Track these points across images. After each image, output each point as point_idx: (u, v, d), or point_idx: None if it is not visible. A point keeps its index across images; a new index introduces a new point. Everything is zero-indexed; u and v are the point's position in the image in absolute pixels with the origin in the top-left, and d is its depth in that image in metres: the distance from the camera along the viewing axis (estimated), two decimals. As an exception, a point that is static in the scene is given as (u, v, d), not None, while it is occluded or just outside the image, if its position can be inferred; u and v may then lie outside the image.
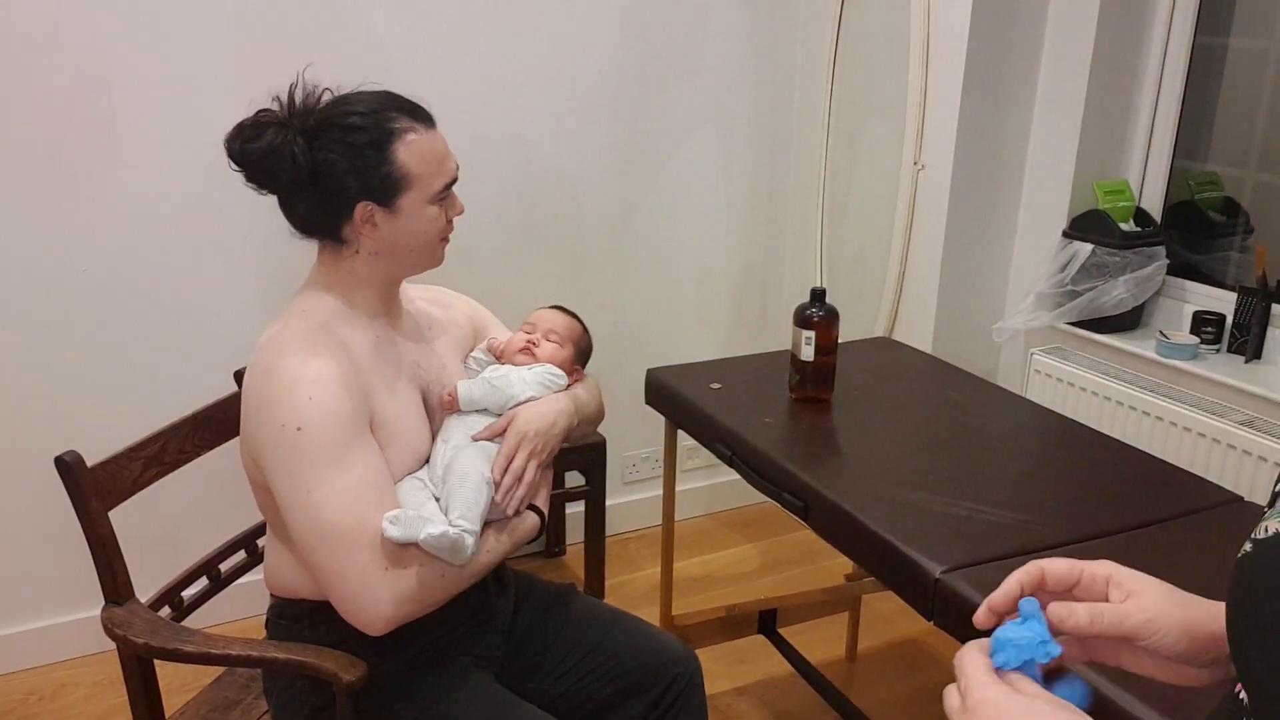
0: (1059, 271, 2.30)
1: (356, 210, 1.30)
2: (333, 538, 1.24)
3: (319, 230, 1.35)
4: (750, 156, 2.83)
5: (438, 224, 1.38)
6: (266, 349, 1.31)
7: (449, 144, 1.41)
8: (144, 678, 1.48)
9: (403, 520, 1.23)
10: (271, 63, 2.21)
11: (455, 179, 1.39)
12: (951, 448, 1.76)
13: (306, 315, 1.34)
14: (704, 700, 1.58)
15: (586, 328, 1.64)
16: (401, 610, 1.26)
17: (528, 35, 2.46)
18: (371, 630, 1.26)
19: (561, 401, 1.48)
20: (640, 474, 2.96)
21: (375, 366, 1.35)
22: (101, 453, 1.48)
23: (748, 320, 3.00)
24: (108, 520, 1.44)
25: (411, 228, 1.34)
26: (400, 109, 1.33)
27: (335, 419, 1.26)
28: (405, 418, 1.37)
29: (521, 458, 1.39)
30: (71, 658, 2.38)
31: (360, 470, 1.27)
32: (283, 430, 1.25)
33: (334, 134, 1.29)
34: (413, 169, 1.31)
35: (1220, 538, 1.43)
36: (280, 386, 1.26)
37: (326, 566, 1.25)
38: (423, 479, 1.37)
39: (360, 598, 1.25)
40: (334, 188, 1.29)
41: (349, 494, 1.25)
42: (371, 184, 1.30)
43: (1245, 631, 0.61)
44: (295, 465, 1.25)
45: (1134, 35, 2.27)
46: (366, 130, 1.29)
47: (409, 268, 1.41)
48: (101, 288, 2.23)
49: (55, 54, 2.07)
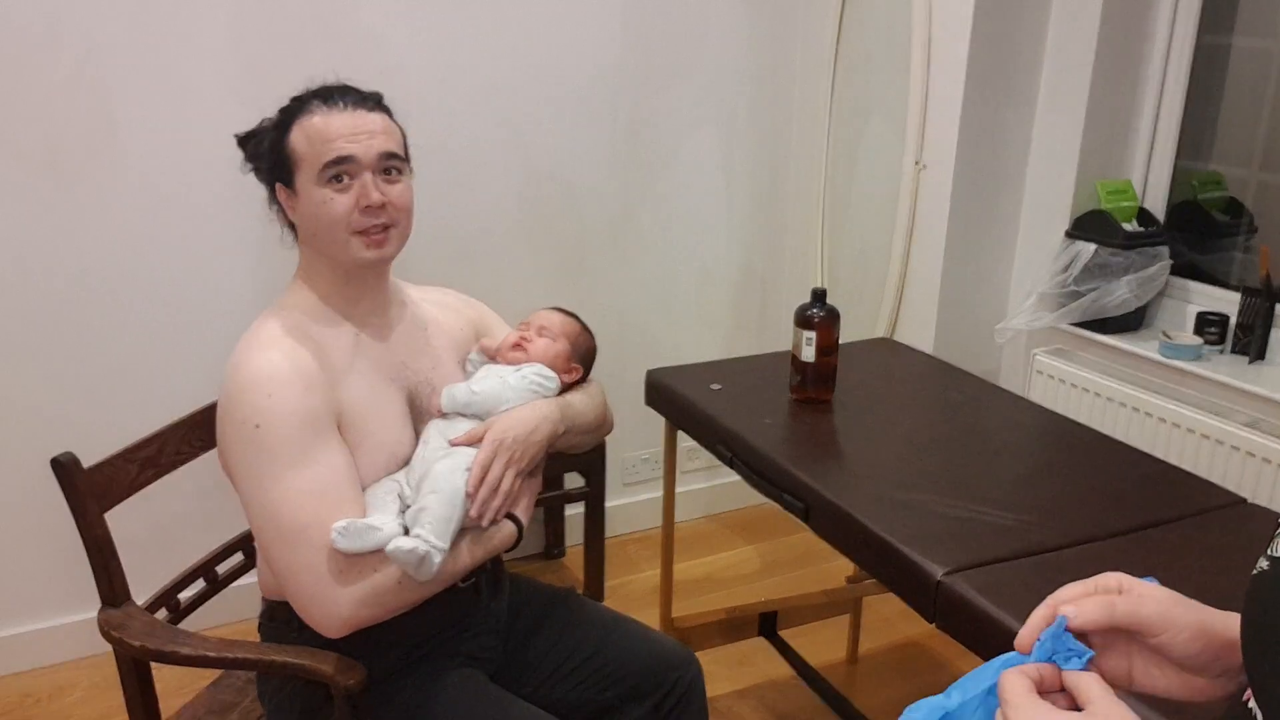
0: (1061, 272, 2.29)
1: (277, 192, 1.35)
2: (289, 536, 1.23)
3: (280, 218, 1.40)
4: (751, 156, 2.83)
5: (331, 209, 1.29)
6: (239, 347, 1.32)
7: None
8: (141, 680, 1.47)
9: (351, 531, 1.22)
10: (271, 62, 2.20)
11: (344, 159, 1.29)
12: (953, 449, 1.75)
13: (284, 311, 1.35)
14: (705, 704, 1.57)
15: (588, 328, 1.61)
16: (358, 614, 1.25)
17: (528, 35, 2.46)
18: (328, 632, 1.26)
19: (545, 408, 1.43)
20: (640, 475, 2.96)
21: (352, 365, 1.34)
22: (98, 454, 1.47)
23: (748, 320, 2.99)
24: (104, 522, 1.44)
25: (309, 211, 1.32)
26: (321, 94, 1.33)
27: (295, 417, 1.25)
28: (380, 418, 1.35)
29: (499, 467, 1.34)
30: (68, 660, 2.38)
31: (320, 470, 1.25)
32: (242, 427, 1.25)
33: (266, 126, 1.36)
34: (298, 147, 1.31)
35: (1223, 539, 1.42)
36: (242, 383, 1.26)
37: (283, 565, 1.25)
38: (399, 480, 1.35)
39: (315, 599, 1.24)
40: (258, 172, 1.37)
41: (306, 493, 1.24)
42: (274, 164, 1.33)
43: (1263, 650, 0.60)
44: (254, 462, 1.25)
45: (1137, 34, 2.26)
46: (282, 113, 1.34)
47: (334, 258, 1.34)
48: (99, 288, 2.22)
49: (54, 53, 2.06)
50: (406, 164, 1.37)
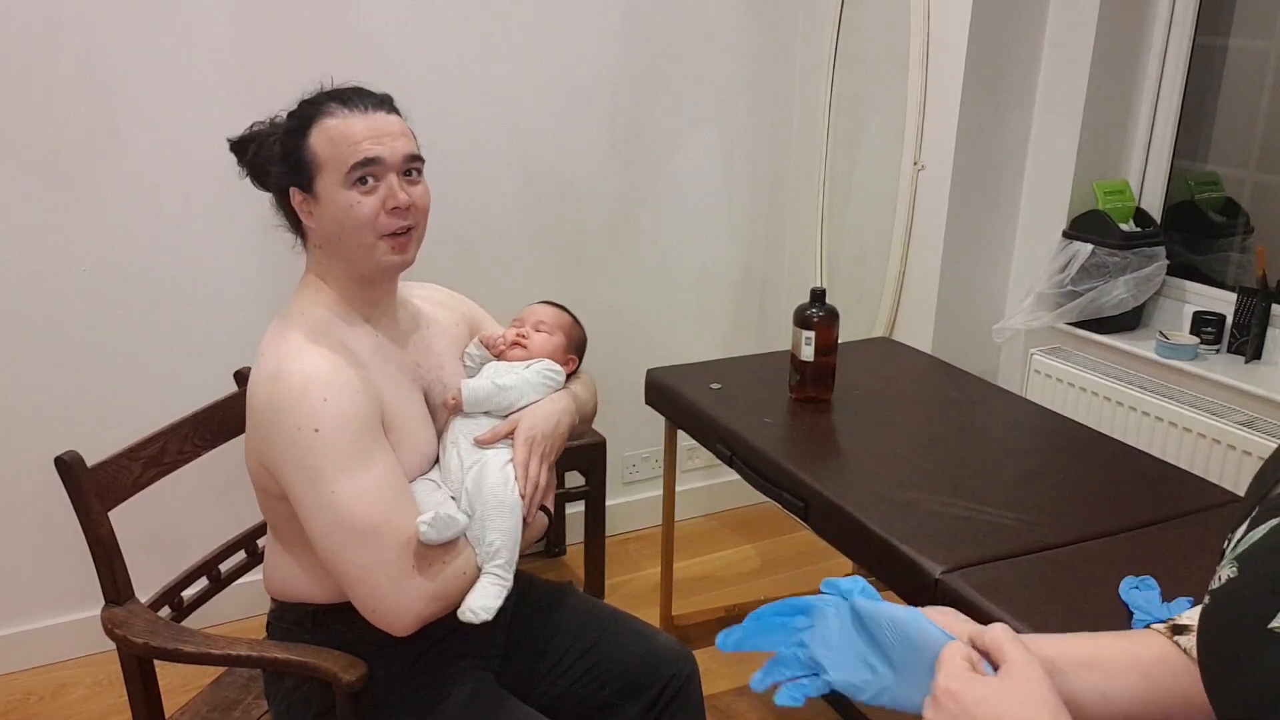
0: (1059, 272, 2.30)
1: (291, 196, 1.33)
2: (361, 536, 1.23)
3: (287, 223, 1.38)
4: (750, 156, 2.83)
5: (358, 212, 1.28)
6: (269, 355, 1.29)
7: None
8: (144, 678, 1.48)
9: (438, 522, 1.24)
10: (273, 62, 2.21)
11: (371, 161, 1.28)
12: (951, 448, 1.76)
13: (306, 318, 1.33)
14: (701, 700, 1.58)
15: (577, 319, 1.63)
16: (430, 608, 1.26)
17: (528, 35, 2.46)
18: (397, 630, 1.25)
19: (563, 401, 1.48)
20: (640, 474, 2.96)
21: (379, 368, 1.35)
22: (101, 453, 1.48)
23: (748, 320, 3.00)
24: (108, 520, 1.44)
25: (333, 215, 1.30)
26: (336, 96, 1.31)
27: (353, 418, 1.25)
28: (411, 419, 1.37)
29: (535, 463, 1.39)
30: (71, 658, 2.38)
31: (382, 469, 1.26)
32: (299, 433, 1.23)
33: (279, 126, 1.34)
34: (320, 150, 1.28)
35: (1219, 538, 1.43)
36: (291, 391, 1.24)
37: (355, 566, 1.23)
38: (435, 480, 1.37)
39: (390, 597, 1.24)
40: (269, 176, 1.34)
41: (374, 492, 1.24)
42: (291, 168, 1.31)
43: (1221, 680, 0.61)
44: (317, 467, 1.23)
45: (1134, 35, 2.27)
46: (295, 117, 1.32)
47: (354, 263, 1.33)
48: (102, 287, 2.22)
49: (57, 53, 2.07)
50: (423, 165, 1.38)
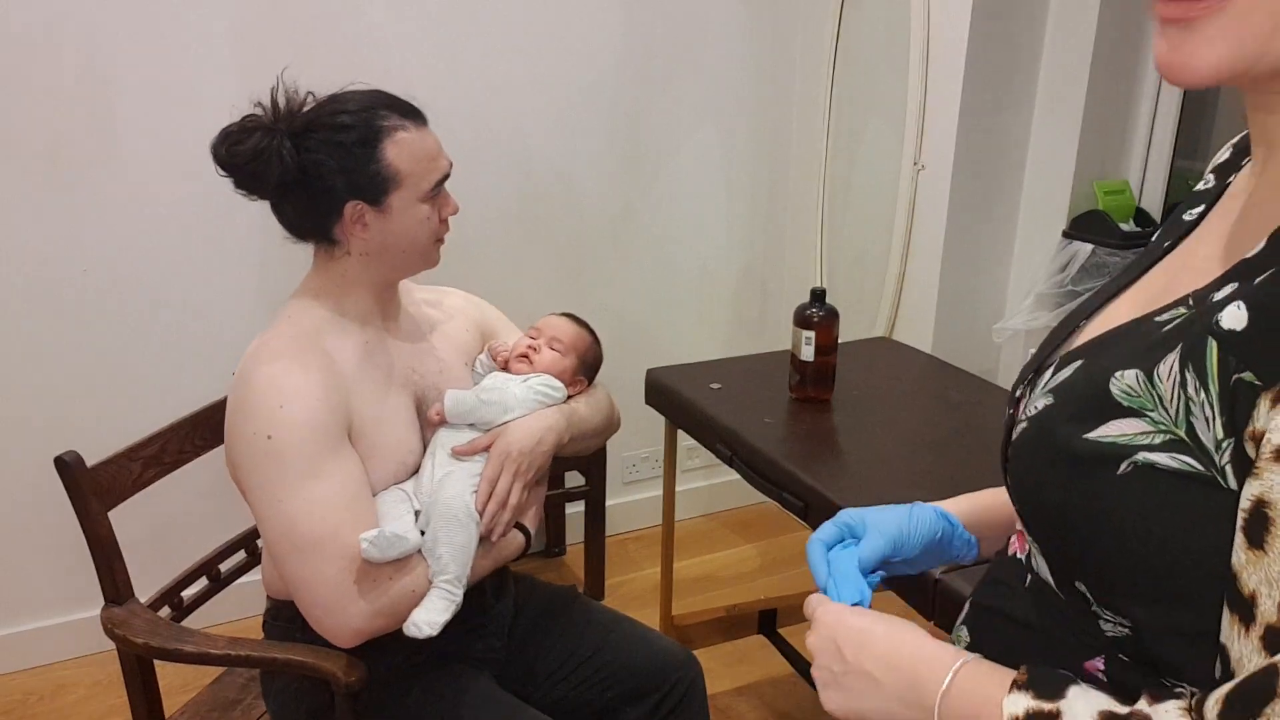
0: (1059, 272, 2.30)
1: (346, 210, 1.29)
2: (305, 549, 1.23)
3: (310, 232, 1.34)
4: (750, 156, 2.83)
5: (430, 224, 1.35)
6: (248, 357, 1.30)
7: (447, 142, 1.40)
8: (144, 678, 1.48)
9: (381, 541, 1.22)
10: (272, 62, 2.17)
11: (447, 176, 1.37)
12: (951, 448, 1.76)
13: (292, 322, 1.33)
14: (705, 704, 1.58)
15: (597, 338, 1.60)
16: (373, 624, 1.26)
17: (528, 34, 2.46)
18: (340, 642, 1.26)
19: (550, 417, 1.43)
20: (640, 474, 2.96)
21: (362, 374, 1.33)
22: (101, 453, 1.48)
23: (748, 320, 2.99)
24: (107, 520, 1.44)
25: (402, 227, 1.32)
26: (390, 107, 1.32)
27: (307, 428, 1.24)
28: (391, 428, 1.35)
29: (506, 480, 1.35)
30: (71, 658, 2.38)
31: (335, 481, 1.25)
32: (254, 438, 1.24)
33: (323, 134, 1.28)
34: (401, 167, 1.30)
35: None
36: (254, 394, 1.25)
37: (298, 577, 1.24)
38: (407, 491, 1.34)
39: (331, 610, 1.24)
40: (322, 188, 1.28)
41: (322, 505, 1.23)
42: (359, 182, 1.29)
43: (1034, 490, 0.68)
44: (267, 474, 1.24)
45: (1134, 35, 2.27)
46: (355, 129, 1.28)
47: (402, 269, 1.38)
48: (102, 288, 2.22)
49: (55, 53, 2.07)
50: None
